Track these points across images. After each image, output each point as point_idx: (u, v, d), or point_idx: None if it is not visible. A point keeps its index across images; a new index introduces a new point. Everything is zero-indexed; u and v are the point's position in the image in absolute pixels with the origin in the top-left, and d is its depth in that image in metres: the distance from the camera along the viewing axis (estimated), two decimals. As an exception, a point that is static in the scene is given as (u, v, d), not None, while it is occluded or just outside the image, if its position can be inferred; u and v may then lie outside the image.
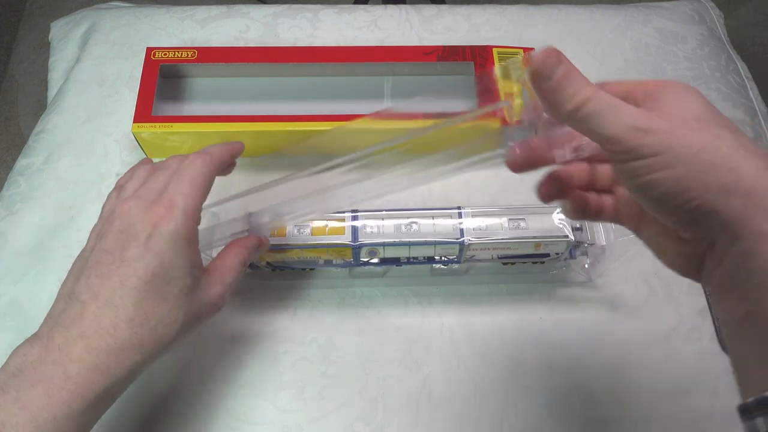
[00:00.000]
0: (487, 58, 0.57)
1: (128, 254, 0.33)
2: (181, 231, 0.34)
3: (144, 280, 0.33)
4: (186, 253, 0.34)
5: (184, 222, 0.34)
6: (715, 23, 0.69)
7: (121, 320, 0.32)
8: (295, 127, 0.53)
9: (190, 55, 0.57)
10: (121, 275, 0.33)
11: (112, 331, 0.32)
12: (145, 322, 0.33)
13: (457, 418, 0.46)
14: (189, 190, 0.35)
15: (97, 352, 0.31)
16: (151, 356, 0.33)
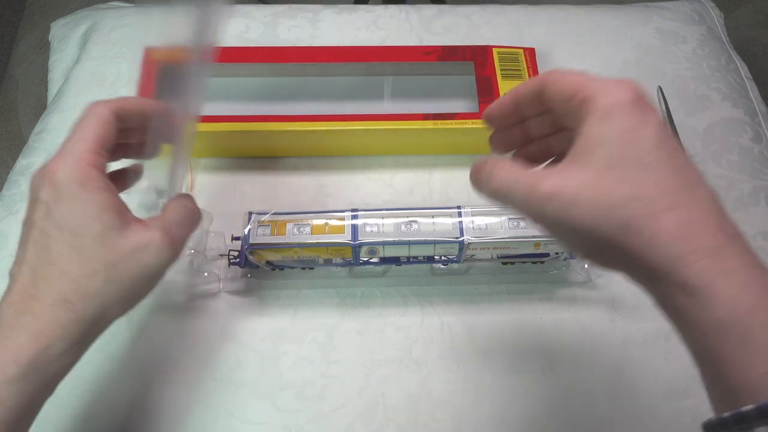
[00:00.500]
0: (487, 58, 0.57)
1: (35, 216, 0.33)
2: (74, 176, 0.32)
3: (52, 236, 0.32)
4: (84, 198, 0.32)
5: (74, 166, 0.33)
6: (715, 23, 0.69)
7: (40, 279, 0.32)
8: (296, 127, 0.53)
9: (190, 55, 0.57)
10: (33, 239, 0.32)
11: (33, 291, 0.31)
12: (63, 276, 0.32)
13: (457, 418, 0.46)
14: (78, 135, 0.34)
15: (22, 314, 0.31)
16: (86, 314, 0.32)
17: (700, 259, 0.25)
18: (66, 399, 0.46)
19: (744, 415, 0.23)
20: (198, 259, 0.49)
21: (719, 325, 0.24)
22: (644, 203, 0.26)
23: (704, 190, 0.27)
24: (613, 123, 0.27)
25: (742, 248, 0.26)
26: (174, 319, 0.49)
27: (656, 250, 0.25)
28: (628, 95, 0.28)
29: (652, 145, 0.27)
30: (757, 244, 0.53)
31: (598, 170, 0.27)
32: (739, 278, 0.25)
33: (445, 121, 0.54)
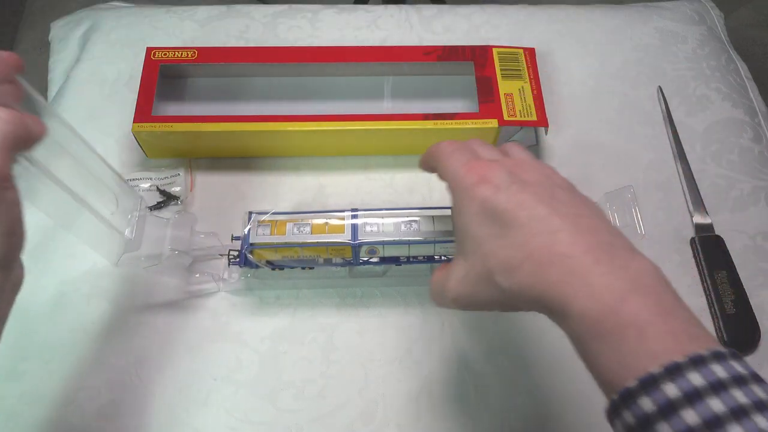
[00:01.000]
0: (487, 58, 0.57)
1: None
2: None
3: None
4: None
5: None
6: (715, 23, 0.69)
7: None
8: (295, 127, 0.53)
9: (190, 55, 0.57)
10: None
11: None
12: None
13: (457, 418, 0.46)
14: None
15: None
16: None
17: (552, 288, 0.29)
18: (63, 400, 0.46)
19: (630, 391, 0.26)
20: (183, 259, 0.49)
21: (578, 336, 0.29)
22: (502, 267, 0.31)
23: (555, 220, 0.30)
24: (463, 215, 0.32)
25: (598, 252, 0.29)
26: (173, 319, 0.49)
27: (525, 296, 0.30)
28: (468, 182, 0.33)
29: (495, 217, 0.31)
30: (757, 244, 0.53)
31: (468, 259, 0.33)
32: (588, 290, 0.28)
33: (445, 121, 0.54)
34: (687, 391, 0.25)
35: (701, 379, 0.25)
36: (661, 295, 0.28)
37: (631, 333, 0.27)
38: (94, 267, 0.51)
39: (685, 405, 0.25)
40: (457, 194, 0.33)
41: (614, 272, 0.28)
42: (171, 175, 0.55)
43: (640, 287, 0.28)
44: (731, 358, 0.26)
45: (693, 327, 0.27)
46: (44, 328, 0.48)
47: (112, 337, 0.48)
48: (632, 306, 0.27)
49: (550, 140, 0.59)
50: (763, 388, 0.25)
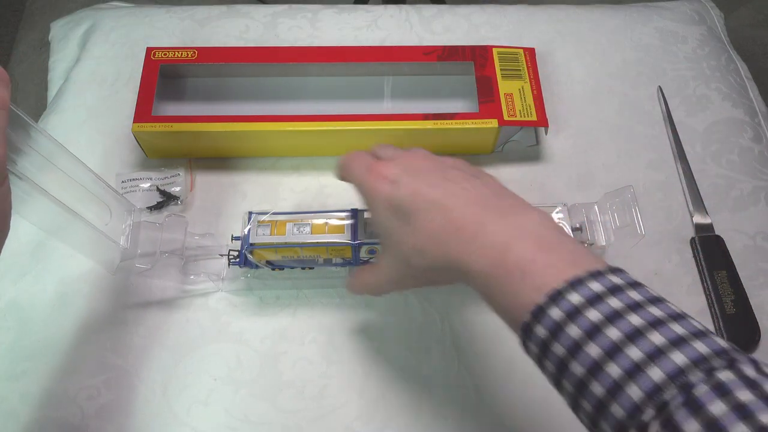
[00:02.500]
0: (487, 58, 0.57)
1: None
2: None
3: None
4: None
5: None
6: (715, 23, 0.69)
7: None
8: (296, 127, 0.53)
9: (190, 55, 0.57)
10: None
11: None
12: None
13: (457, 418, 0.46)
14: None
15: None
16: None
17: (453, 258, 0.33)
18: (64, 400, 0.46)
19: (527, 324, 0.30)
20: (175, 261, 0.49)
21: (480, 291, 0.33)
22: (414, 250, 0.35)
23: (446, 202, 0.34)
24: (374, 215, 0.37)
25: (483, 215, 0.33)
26: (173, 319, 0.49)
27: (436, 269, 0.35)
28: (368, 186, 0.37)
29: (395, 209, 0.35)
30: (757, 244, 0.53)
31: (387, 252, 0.38)
32: (477, 251, 0.32)
33: (445, 121, 0.54)
34: (568, 311, 0.28)
35: (579, 297, 0.28)
36: (542, 237, 0.32)
37: (517, 274, 0.30)
38: (93, 267, 0.51)
39: (568, 322, 0.28)
40: (365, 196, 0.38)
41: (499, 229, 0.32)
42: (171, 175, 0.55)
43: (522, 234, 0.32)
44: (610, 273, 0.29)
45: (574, 256, 0.31)
46: (44, 328, 0.48)
47: (112, 337, 0.48)
48: (515, 252, 0.31)
49: (550, 140, 0.59)
50: (640, 291, 0.29)
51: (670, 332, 0.27)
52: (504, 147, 0.58)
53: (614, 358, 0.27)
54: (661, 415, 0.25)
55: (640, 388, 0.26)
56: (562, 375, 0.29)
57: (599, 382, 0.27)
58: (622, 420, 0.26)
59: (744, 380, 0.25)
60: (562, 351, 0.28)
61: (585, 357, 0.28)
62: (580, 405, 0.29)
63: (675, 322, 0.27)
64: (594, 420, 0.28)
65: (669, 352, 0.26)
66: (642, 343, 0.27)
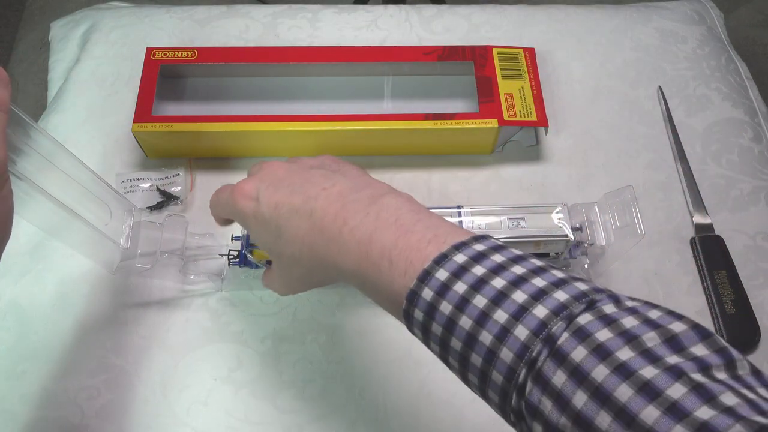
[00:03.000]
0: (487, 58, 0.57)
1: None
2: None
3: None
4: None
5: None
6: (715, 23, 0.69)
7: None
8: (296, 127, 0.53)
9: (190, 55, 0.57)
10: None
11: None
12: None
13: (457, 418, 0.46)
14: None
15: None
16: None
17: (325, 260, 0.33)
18: (64, 400, 0.46)
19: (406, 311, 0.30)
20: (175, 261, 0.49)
21: (357, 286, 0.33)
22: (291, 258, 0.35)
23: (305, 206, 0.34)
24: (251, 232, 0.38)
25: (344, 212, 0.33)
26: (173, 319, 0.49)
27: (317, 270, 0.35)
28: (239, 207, 0.36)
29: (266, 222, 0.35)
30: (757, 244, 0.53)
31: (276, 262, 0.38)
32: (344, 250, 0.32)
33: (445, 121, 0.54)
34: (437, 289, 0.28)
35: (445, 273, 0.28)
36: (401, 222, 0.32)
37: (384, 264, 0.30)
38: (93, 267, 0.51)
39: (440, 300, 0.28)
40: (237, 220, 0.38)
41: (359, 224, 0.32)
42: (171, 175, 0.55)
43: (381, 224, 0.32)
44: (473, 242, 0.29)
45: (435, 233, 0.31)
46: (44, 328, 0.48)
47: (112, 337, 0.48)
48: (378, 243, 0.31)
49: (550, 140, 0.59)
50: (503, 253, 0.29)
51: (531, 287, 0.27)
52: (504, 147, 0.58)
53: (484, 325, 0.27)
54: (532, 372, 0.26)
55: (510, 350, 0.26)
56: (447, 353, 0.29)
57: (476, 352, 0.27)
58: (503, 385, 0.27)
59: (602, 319, 0.25)
60: (439, 330, 0.29)
61: (459, 330, 0.28)
62: (469, 379, 0.29)
63: (536, 276, 0.28)
64: (483, 391, 0.29)
65: (532, 308, 0.26)
66: (506, 304, 0.27)
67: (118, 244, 0.45)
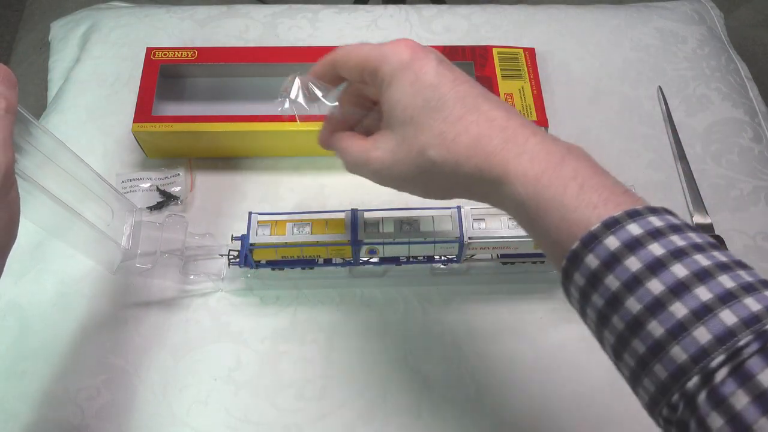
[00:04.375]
0: (487, 58, 0.57)
1: None
2: None
3: None
4: None
5: None
6: (715, 23, 0.69)
7: None
8: (296, 127, 0.53)
9: (190, 55, 0.57)
10: None
11: None
12: None
13: (457, 418, 0.46)
14: None
15: None
16: None
17: (491, 157, 0.30)
18: (64, 400, 0.46)
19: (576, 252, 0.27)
20: (173, 260, 0.49)
21: (521, 200, 0.29)
22: (437, 140, 0.31)
23: (488, 103, 0.31)
24: (397, 86, 0.32)
25: (532, 127, 0.30)
26: (173, 319, 0.49)
27: (462, 169, 0.30)
28: (403, 56, 0.32)
29: (431, 89, 0.31)
30: (757, 244, 0.53)
31: (398, 132, 0.32)
32: (528, 154, 0.29)
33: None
34: (626, 241, 0.26)
35: (639, 228, 0.26)
36: (591, 161, 0.30)
37: (573, 186, 0.28)
38: (94, 268, 0.51)
39: (626, 253, 0.25)
40: (386, 70, 0.32)
41: (549, 142, 0.30)
42: (171, 175, 0.55)
43: (573, 152, 0.29)
44: (666, 213, 0.27)
45: (626, 189, 0.28)
46: (44, 328, 0.48)
47: (112, 337, 0.48)
48: (571, 164, 0.28)
49: (550, 140, 0.59)
50: (698, 234, 0.26)
51: (718, 286, 0.24)
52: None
53: (656, 315, 0.24)
54: (732, 362, 0.23)
55: (684, 351, 0.24)
56: (614, 311, 0.26)
57: (640, 339, 0.25)
58: (666, 382, 0.24)
59: None
60: (616, 285, 0.26)
61: (624, 312, 0.25)
62: (622, 358, 0.26)
63: (723, 273, 0.25)
64: (637, 376, 0.26)
65: (718, 310, 0.24)
66: (687, 298, 0.24)
67: (119, 245, 0.45)
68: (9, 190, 0.31)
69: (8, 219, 0.31)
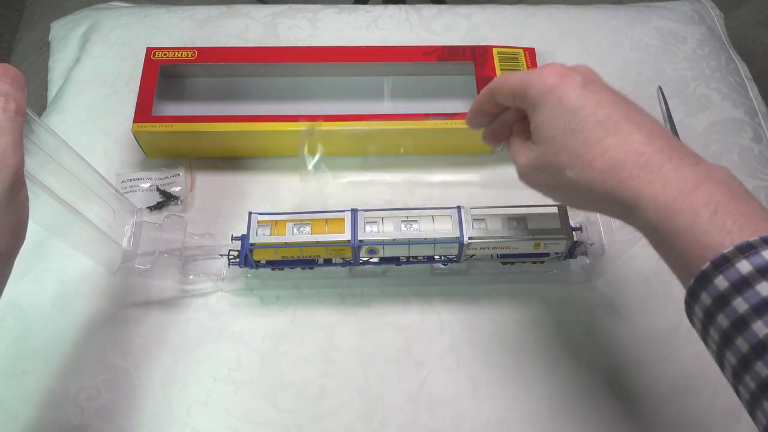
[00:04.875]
0: (487, 58, 0.57)
1: None
2: None
3: None
4: None
5: None
6: (715, 23, 0.69)
7: None
8: (296, 127, 0.53)
9: (190, 55, 0.57)
10: None
11: None
12: None
13: (457, 418, 0.46)
14: None
15: None
16: None
17: (625, 183, 0.31)
18: (64, 400, 0.46)
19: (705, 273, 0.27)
20: (173, 260, 0.49)
21: (653, 225, 0.30)
22: (575, 162, 0.32)
23: (630, 126, 0.32)
24: (541, 110, 0.34)
25: (670, 152, 0.31)
26: (173, 319, 0.49)
27: (596, 191, 0.32)
28: (548, 81, 0.34)
29: (572, 113, 0.33)
30: (757, 244, 0.53)
31: (542, 148, 0.34)
32: (662, 180, 0.30)
33: (445, 121, 0.54)
34: (759, 266, 0.25)
35: (749, 266, 0.26)
36: (732, 186, 0.29)
37: (705, 212, 0.28)
38: (94, 268, 0.51)
39: (759, 278, 0.25)
40: (532, 94, 0.34)
41: (686, 167, 0.30)
42: (171, 175, 0.55)
43: (711, 178, 0.29)
44: None
45: (762, 215, 0.28)
46: (44, 328, 0.48)
47: (112, 337, 0.48)
48: (705, 190, 0.29)
49: (550, 140, 0.59)
50: None
51: None
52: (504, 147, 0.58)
53: None
54: None
55: None
56: (739, 333, 0.26)
57: (765, 363, 0.25)
58: None
59: None
60: (744, 307, 0.26)
61: (750, 334, 0.25)
62: (743, 380, 0.27)
63: None
64: (756, 399, 0.26)
65: None
66: None
67: (120, 246, 0.45)
68: (19, 191, 0.31)
69: (17, 220, 0.31)
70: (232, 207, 0.54)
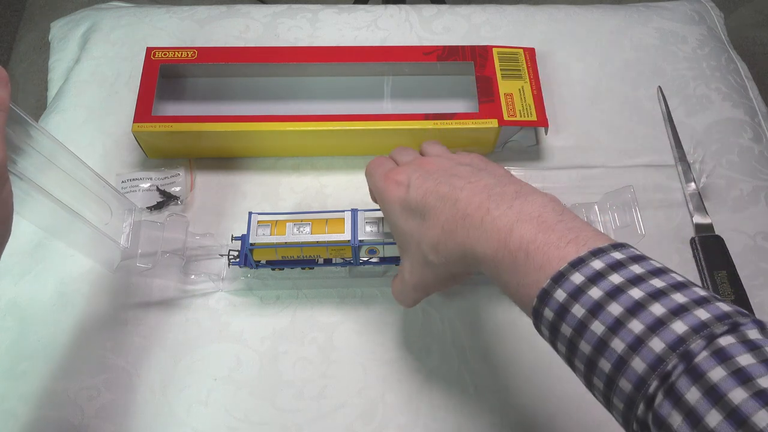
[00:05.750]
0: (487, 58, 0.57)
1: None
2: None
3: None
4: None
5: None
6: (715, 23, 0.69)
7: None
8: (295, 127, 0.53)
9: (190, 55, 0.57)
10: None
11: None
12: None
13: (457, 418, 0.46)
14: None
15: None
16: None
17: (465, 241, 0.34)
18: (64, 400, 0.46)
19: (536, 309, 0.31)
20: (176, 260, 0.49)
21: (492, 276, 0.34)
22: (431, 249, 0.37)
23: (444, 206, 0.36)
24: (390, 221, 0.40)
25: (486, 210, 0.34)
26: (173, 319, 0.49)
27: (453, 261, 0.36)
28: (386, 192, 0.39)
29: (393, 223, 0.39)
30: (757, 244, 0.53)
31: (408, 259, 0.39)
32: (484, 235, 0.33)
33: (445, 121, 0.54)
34: (570, 291, 0.29)
35: (581, 277, 0.29)
36: (543, 219, 0.32)
37: (520, 256, 0.31)
38: (93, 267, 0.51)
39: (572, 303, 0.29)
40: (382, 203, 0.40)
41: (502, 214, 0.33)
42: (171, 175, 0.55)
43: (524, 218, 0.32)
44: (612, 250, 0.30)
45: (576, 234, 0.31)
46: (44, 328, 0.48)
47: (112, 337, 0.48)
48: (517, 234, 0.32)
49: (550, 140, 0.59)
50: (642, 264, 0.29)
51: (671, 302, 0.27)
52: (504, 147, 0.58)
53: (617, 333, 0.27)
54: (664, 385, 0.25)
55: (643, 361, 0.26)
56: (573, 355, 0.29)
57: (606, 358, 0.27)
58: (631, 394, 0.27)
59: (746, 344, 0.25)
60: (569, 331, 0.29)
61: (590, 335, 0.28)
62: (593, 383, 0.29)
63: (677, 291, 0.28)
64: (606, 396, 0.29)
65: (670, 322, 0.26)
66: (643, 315, 0.27)
67: (118, 244, 0.45)
68: (2, 187, 0.31)
69: (2, 216, 0.31)
70: (232, 207, 0.54)
